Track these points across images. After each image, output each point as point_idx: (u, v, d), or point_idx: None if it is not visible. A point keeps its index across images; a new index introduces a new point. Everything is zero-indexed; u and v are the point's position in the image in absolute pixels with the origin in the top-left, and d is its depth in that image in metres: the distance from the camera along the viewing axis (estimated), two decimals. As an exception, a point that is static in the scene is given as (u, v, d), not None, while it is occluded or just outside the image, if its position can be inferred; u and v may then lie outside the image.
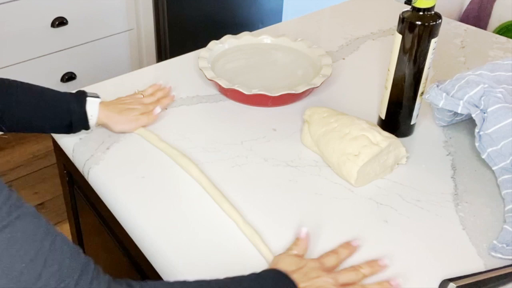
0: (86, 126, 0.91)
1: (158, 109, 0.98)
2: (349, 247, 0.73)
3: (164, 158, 0.90)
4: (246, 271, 0.65)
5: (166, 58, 1.93)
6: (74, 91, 0.92)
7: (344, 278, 0.68)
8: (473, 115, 0.87)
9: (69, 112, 0.88)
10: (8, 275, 0.48)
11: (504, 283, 0.69)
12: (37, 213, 0.52)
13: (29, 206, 0.52)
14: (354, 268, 0.70)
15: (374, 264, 0.70)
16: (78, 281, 0.52)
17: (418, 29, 0.85)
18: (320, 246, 0.74)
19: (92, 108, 0.90)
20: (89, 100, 0.90)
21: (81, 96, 0.90)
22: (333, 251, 0.72)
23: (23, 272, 0.49)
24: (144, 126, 0.96)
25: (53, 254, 0.51)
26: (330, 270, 0.69)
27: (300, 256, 0.71)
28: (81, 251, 0.55)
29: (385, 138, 0.84)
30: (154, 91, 1.03)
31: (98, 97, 0.91)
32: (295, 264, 0.68)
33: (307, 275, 0.66)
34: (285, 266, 0.67)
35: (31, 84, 0.89)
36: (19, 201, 0.51)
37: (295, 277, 0.65)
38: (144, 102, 0.99)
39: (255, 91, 1.00)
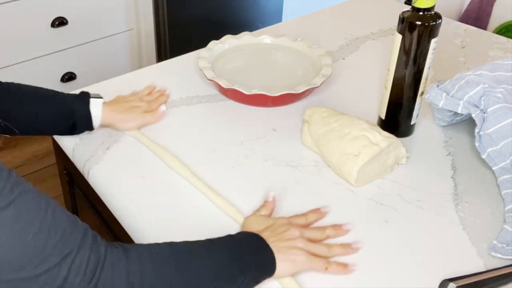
0: (90, 127, 0.92)
1: (163, 107, 1.00)
2: (318, 212, 0.79)
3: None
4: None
5: (166, 58, 1.93)
6: (77, 93, 0.92)
7: (310, 234, 0.73)
8: (473, 115, 0.87)
9: (73, 114, 0.89)
10: (17, 247, 0.52)
11: (504, 283, 0.69)
12: (35, 189, 0.56)
13: (28, 182, 0.55)
14: (319, 228, 0.76)
15: (338, 228, 0.76)
16: (80, 247, 0.56)
17: (418, 29, 0.85)
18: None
19: (96, 109, 0.90)
20: (92, 101, 0.90)
21: (85, 97, 0.90)
22: (303, 214, 0.78)
23: (30, 243, 0.53)
24: (149, 124, 0.97)
25: (55, 224, 0.55)
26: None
27: (268, 216, 0.77)
28: (78, 219, 0.59)
29: (385, 138, 0.84)
30: (151, 91, 1.06)
31: (101, 97, 0.92)
32: (265, 222, 0.74)
33: (276, 231, 0.72)
34: (256, 226, 0.73)
35: (34, 87, 0.90)
36: (19, 178, 0.54)
37: (265, 234, 0.70)
38: (145, 99, 1.00)
39: (255, 91, 1.00)
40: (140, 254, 0.61)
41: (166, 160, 0.88)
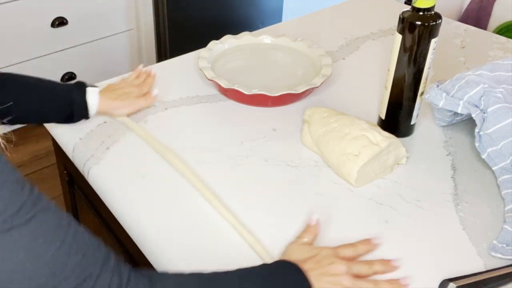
0: (86, 116, 0.93)
1: (155, 91, 1.02)
2: (368, 243, 0.72)
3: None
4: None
5: (166, 58, 1.93)
6: (72, 82, 0.94)
7: (357, 269, 0.67)
8: (473, 115, 0.87)
9: (70, 103, 0.91)
10: (36, 265, 0.50)
11: (504, 283, 0.69)
12: (57, 206, 0.54)
13: (50, 200, 0.53)
14: (367, 262, 0.69)
15: (387, 263, 0.70)
16: (101, 270, 0.54)
17: (418, 29, 0.85)
18: (319, 246, 0.74)
19: (92, 97, 0.92)
20: (89, 89, 0.92)
21: (81, 86, 0.92)
22: (351, 244, 0.71)
23: (49, 262, 0.50)
24: (143, 108, 1.00)
25: (76, 244, 0.53)
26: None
27: (311, 244, 0.71)
28: (102, 242, 0.56)
29: (385, 138, 0.84)
30: (138, 74, 1.08)
31: (96, 86, 0.94)
32: (307, 252, 0.68)
33: (320, 263, 0.66)
34: (297, 255, 0.67)
35: (32, 77, 0.91)
36: (41, 195, 0.52)
37: (307, 266, 0.64)
38: (135, 84, 1.03)
39: (255, 91, 1.00)
40: (165, 285, 0.58)
41: (160, 151, 0.90)
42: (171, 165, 0.87)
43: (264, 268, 0.64)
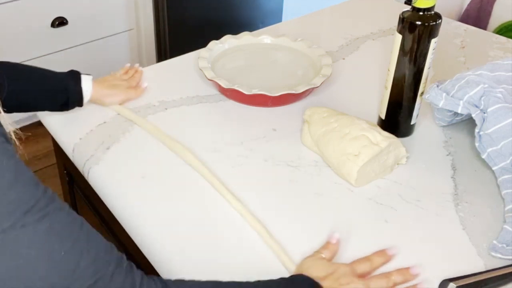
0: (80, 103, 0.96)
1: (145, 83, 1.08)
2: (384, 255, 0.72)
3: (164, 158, 0.90)
4: (249, 274, 0.65)
5: (166, 58, 1.93)
6: (66, 71, 0.96)
7: (376, 285, 0.67)
8: (473, 115, 0.87)
9: (66, 90, 0.93)
10: (48, 262, 0.50)
11: (504, 283, 0.69)
12: (71, 208, 0.54)
13: (63, 201, 0.53)
14: (385, 275, 0.69)
15: (405, 272, 0.69)
16: (113, 273, 0.54)
17: (418, 29, 0.85)
18: (319, 246, 0.74)
19: (86, 85, 0.95)
20: (83, 77, 0.95)
21: (76, 75, 0.95)
22: (366, 258, 0.71)
23: (61, 261, 0.50)
24: (132, 99, 1.04)
25: (89, 245, 0.53)
26: (361, 276, 0.68)
27: (330, 260, 0.70)
28: (114, 247, 0.56)
29: (385, 138, 0.84)
30: (126, 70, 1.12)
31: (89, 74, 0.97)
32: (326, 269, 0.67)
33: (338, 281, 0.65)
34: (316, 271, 0.66)
35: (27, 65, 0.93)
36: (55, 194, 0.52)
37: (326, 283, 0.64)
38: (124, 78, 1.07)
39: (255, 91, 1.00)
40: None
41: (155, 134, 0.93)
42: (183, 158, 0.88)
43: (283, 282, 0.64)
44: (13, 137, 0.54)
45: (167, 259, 0.73)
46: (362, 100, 1.07)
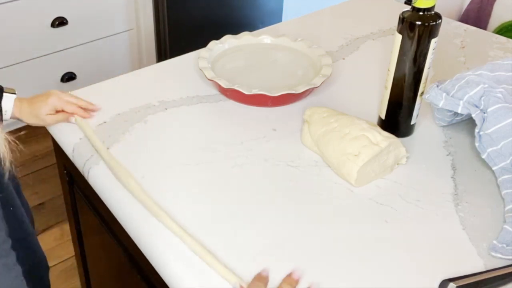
0: (0, 119, 0.93)
1: (73, 119, 0.96)
2: (291, 282, 0.68)
3: (164, 158, 0.90)
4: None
5: (166, 58, 1.93)
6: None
7: None
8: (473, 115, 0.87)
9: None
10: None
11: (504, 283, 0.69)
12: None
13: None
14: None
15: (291, 281, 0.68)
16: None
17: (418, 29, 0.85)
18: (319, 246, 0.74)
19: (7, 103, 0.93)
20: (5, 95, 0.93)
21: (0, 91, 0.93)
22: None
23: None
24: (47, 125, 0.97)
25: None
26: None
27: None
28: None
29: (385, 138, 0.84)
30: (87, 106, 0.99)
31: (14, 93, 0.94)
32: None
33: None
34: None
35: None
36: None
37: None
38: (70, 101, 0.97)
39: (255, 91, 1.00)
40: None
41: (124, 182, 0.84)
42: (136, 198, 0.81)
43: None
44: (9, 139, 0.53)
45: (167, 259, 0.73)
46: (362, 100, 1.07)
